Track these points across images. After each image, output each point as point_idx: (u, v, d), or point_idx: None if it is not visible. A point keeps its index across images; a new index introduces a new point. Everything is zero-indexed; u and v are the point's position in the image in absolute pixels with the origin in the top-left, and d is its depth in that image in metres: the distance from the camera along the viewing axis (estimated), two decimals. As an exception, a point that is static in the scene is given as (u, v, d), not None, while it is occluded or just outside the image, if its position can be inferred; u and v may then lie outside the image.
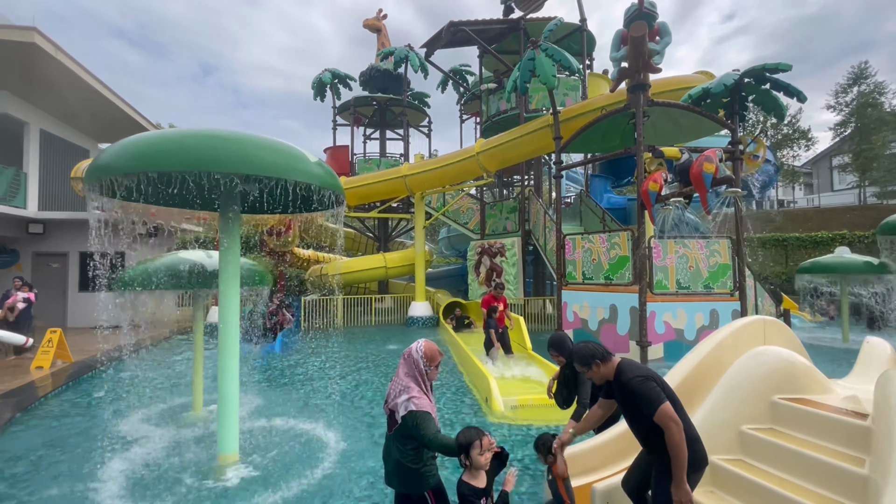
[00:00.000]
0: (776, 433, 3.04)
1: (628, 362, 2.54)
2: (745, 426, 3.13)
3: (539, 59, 8.99)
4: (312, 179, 3.69)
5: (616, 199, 15.55)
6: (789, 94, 7.79)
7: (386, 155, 18.31)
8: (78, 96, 12.78)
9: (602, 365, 2.55)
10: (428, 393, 2.56)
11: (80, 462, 4.19)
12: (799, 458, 2.79)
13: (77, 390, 6.79)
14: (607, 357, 2.56)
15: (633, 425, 2.54)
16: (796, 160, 33.05)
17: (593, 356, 2.55)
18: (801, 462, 2.77)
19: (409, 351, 2.62)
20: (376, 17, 18.49)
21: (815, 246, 18.29)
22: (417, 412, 2.39)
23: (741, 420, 3.17)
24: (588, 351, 2.58)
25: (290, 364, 8.54)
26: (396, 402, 2.47)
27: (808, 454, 2.76)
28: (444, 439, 2.38)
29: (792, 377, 3.26)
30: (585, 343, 2.66)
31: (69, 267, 13.36)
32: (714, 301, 8.09)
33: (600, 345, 2.62)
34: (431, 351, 2.61)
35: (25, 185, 12.32)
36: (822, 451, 2.75)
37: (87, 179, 3.43)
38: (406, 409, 2.41)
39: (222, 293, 4.11)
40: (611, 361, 2.55)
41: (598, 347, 2.59)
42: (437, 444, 2.37)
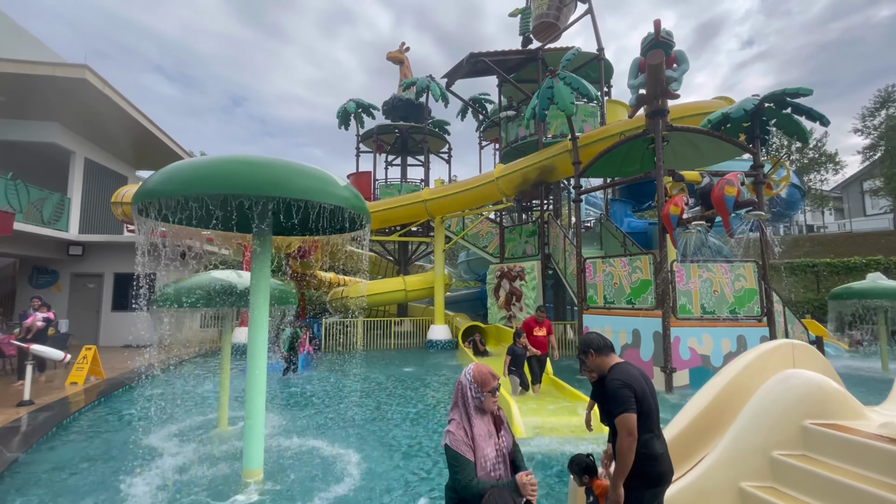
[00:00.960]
0: (809, 460, 2.96)
1: (622, 366, 2.52)
2: (776, 452, 3.05)
3: (557, 88, 9.23)
4: (341, 202, 3.87)
5: (637, 222, 15.45)
6: (812, 119, 7.77)
7: (407, 180, 18.73)
8: (121, 127, 13.66)
9: (596, 356, 2.57)
10: (471, 425, 2.18)
11: (112, 475, 4.32)
12: (834, 486, 2.70)
13: (108, 406, 7.01)
14: (604, 351, 2.56)
15: (605, 422, 2.63)
16: (824, 184, 32.26)
17: (589, 344, 2.60)
18: (836, 490, 2.68)
19: (459, 377, 2.32)
20: (399, 49, 19.30)
21: (847, 272, 17.64)
22: (448, 448, 2.14)
23: (771, 446, 3.09)
24: (587, 339, 2.64)
25: (310, 385, 8.63)
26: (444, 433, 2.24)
27: (843, 482, 2.67)
28: (474, 488, 2.05)
29: (824, 402, 3.17)
30: (594, 333, 2.68)
31: (104, 287, 13.94)
32: (741, 327, 7.89)
33: (606, 340, 2.62)
34: (482, 375, 2.25)
35: (69, 210, 13.06)
36: (858, 479, 2.66)
37: (134, 202, 3.69)
38: (444, 441, 2.18)
39: (252, 312, 4.26)
40: (607, 356, 2.56)
41: (599, 339, 2.60)
42: (464, 492, 2.08)
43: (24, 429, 5.59)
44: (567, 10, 14.55)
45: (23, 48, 14.42)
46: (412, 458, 4.77)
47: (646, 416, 2.39)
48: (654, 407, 2.47)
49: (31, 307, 8.61)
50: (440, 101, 16.98)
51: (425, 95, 16.96)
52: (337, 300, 15.54)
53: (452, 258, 26.47)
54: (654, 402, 2.47)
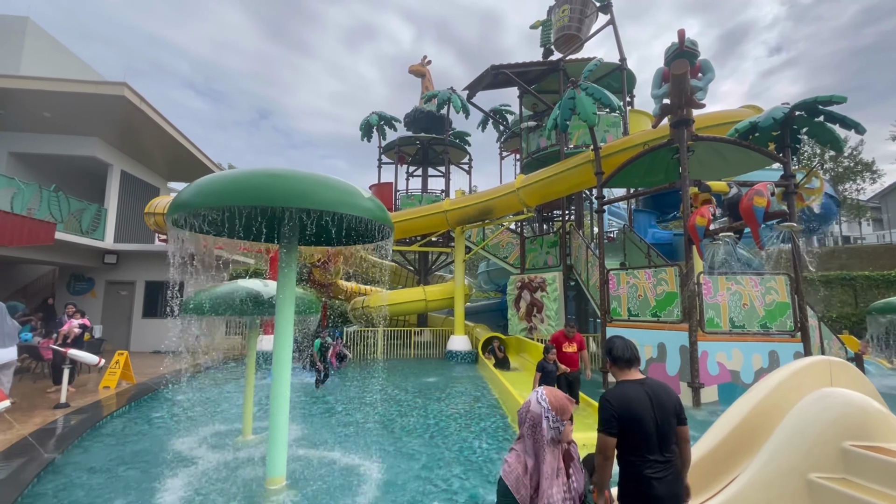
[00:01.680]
0: (849, 483, 2.81)
1: (623, 385, 2.48)
2: (814, 475, 2.91)
3: (579, 98, 9.20)
4: (365, 213, 3.94)
5: (661, 233, 15.14)
6: (846, 127, 7.50)
7: (427, 191, 18.89)
8: (155, 140, 14.27)
9: (611, 366, 2.59)
10: (538, 460, 1.91)
11: (140, 478, 4.45)
12: (878, 513, 2.55)
13: (138, 410, 7.23)
14: (619, 364, 2.52)
15: None
16: (861, 194, 31.01)
17: (609, 352, 2.58)
18: (880, 517, 2.54)
19: (529, 403, 2.03)
20: (421, 63, 19.62)
21: (888, 285, 16.81)
22: (500, 482, 1.92)
23: (808, 468, 2.95)
24: (610, 344, 2.60)
25: (332, 394, 8.70)
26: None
27: (888, 509, 2.53)
28: None
29: (865, 423, 3.02)
30: (619, 340, 2.61)
31: (135, 294, 14.46)
32: (773, 342, 7.60)
33: (627, 352, 2.52)
34: (560, 401, 1.98)
35: (105, 220, 13.66)
36: (904, 507, 2.51)
37: (169, 214, 3.84)
38: (501, 470, 1.97)
39: (278, 320, 4.36)
40: (621, 371, 2.52)
41: (620, 350, 2.53)
42: None
43: (60, 431, 5.81)
44: (589, 21, 14.56)
45: (67, 68, 15.30)
46: (433, 470, 4.74)
47: (632, 439, 2.35)
48: (654, 432, 2.33)
49: (66, 314, 8.79)
50: (461, 113, 17.14)
51: (446, 107, 17.16)
52: (358, 309, 15.68)
53: (472, 268, 26.44)
54: (652, 427, 2.33)
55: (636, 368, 2.53)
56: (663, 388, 2.48)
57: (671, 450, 2.39)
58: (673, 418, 2.39)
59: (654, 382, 2.50)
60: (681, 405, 2.46)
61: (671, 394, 2.47)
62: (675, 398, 2.46)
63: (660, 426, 2.35)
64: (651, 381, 2.49)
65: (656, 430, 2.35)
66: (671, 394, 2.47)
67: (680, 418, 2.42)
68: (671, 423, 2.39)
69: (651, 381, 2.49)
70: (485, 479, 4.53)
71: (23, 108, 11.87)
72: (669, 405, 2.40)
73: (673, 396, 2.46)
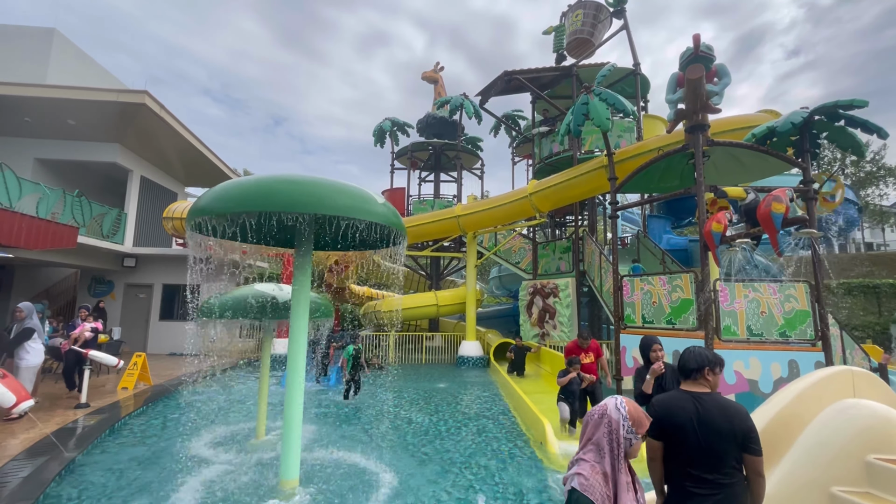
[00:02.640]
0: (874, 498, 2.73)
1: (673, 392, 2.46)
2: (836, 488, 2.84)
3: (592, 103, 9.17)
4: (379, 219, 3.98)
5: (676, 239, 14.94)
6: (868, 131, 7.33)
7: (440, 196, 18.96)
8: (174, 147, 14.62)
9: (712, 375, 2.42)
10: (615, 470, 1.79)
11: (156, 479, 4.53)
12: (904, 529, 2.48)
13: (155, 411, 7.36)
14: (682, 375, 2.44)
15: None
16: (884, 199, 30.21)
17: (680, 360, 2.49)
18: (907, 534, 2.46)
19: (605, 408, 1.87)
20: (434, 69, 19.77)
21: (913, 294, 16.31)
22: (576, 494, 1.75)
23: (830, 481, 2.88)
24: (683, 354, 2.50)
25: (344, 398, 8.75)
26: (568, 473, 1.86)
27: (915, 525, 2.45)
28: None
29: (890, 435, 2.94)
30: (691, 351, 2.49)
31: (153, 297, 14.75)
32: (793, 351, 7.42)
33: (697, 362, 2.40)
34: (639, 412, 1.85)
35: (125, 224, 14.00)
36: (932, 523, 2.44)
37: (189, 219, 3.93)
38: (570, 484, 1.81)
39: (293, 324, 4.41)
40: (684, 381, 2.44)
41: (687, 360, 2.42)
42: None
43: (80, 431, 5.94)
44: (602, 26, 14.51)
45: (91, 76, 15.78)
46: (446, 474, 4.73)
47: (673, 448, 2.26)
48: (696, 446, 2.18)
49: (79, 317, 8.69)
50: (473, 119, 17.20)
51: (459, 113, 17.24)
52: (370, 314, 15.76)
53: (484, 274, 26.40)
54: (693, 441, 2.19)
55: (701, 381, 2.37)
56: (721, 408, 2.24)
57: (722, 472, 2.18)
58: (726, 443, 2.18)
59: (715, 400, 2.29)
60: (747, 433, 2.18)
61: (732, 417, 2.20)
62: (736, 422, 2.19)
63: (703, 444, 2.20)
64: (710, 398, 2.30)
65: (696, 453, 2.21)
66: (732, 417, 2.20)
67: (745, 446, 2.17)
68: (722, 446, 2.18)
69: (710, 398, 2.30)
70: (496, 485, 4.50)
71: (48, 115, 12.28)
72: (724, 426, 2.18)
73: (735, 419, 2.19)
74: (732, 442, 2.17)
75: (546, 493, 4.31)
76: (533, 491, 4.37)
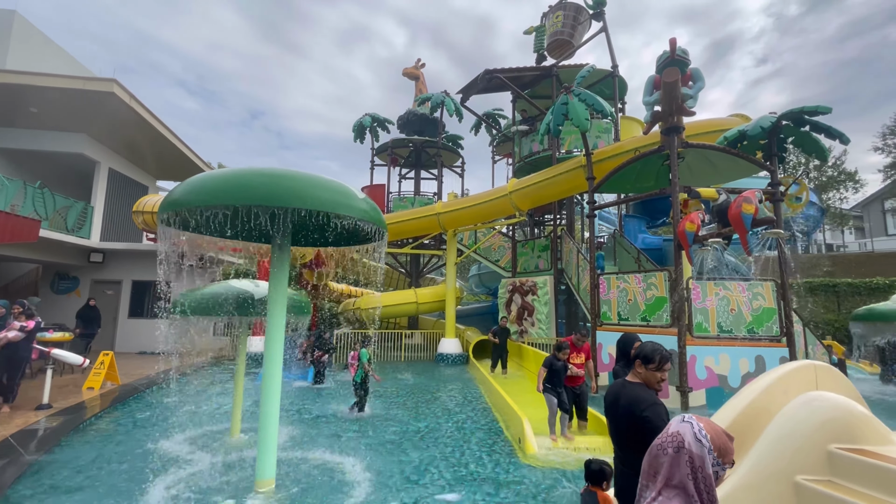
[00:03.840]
0: (835, 486, 2.86)
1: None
2: (800, 477, 2.96)
3: (572, 104, 9.29)
4: (359, 215, 3.93)
5: (651, 239, 15.31)
6: (831, 136, 7.68)
7: (420, 193, 18.90)
8: (144, 138, 14.09)
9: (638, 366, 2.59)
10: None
11: (127, 480, 4.37)
12: (862, 515, 2.61)
13: (124, 411, 7.09)
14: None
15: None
16: (844, 203, 31.71)
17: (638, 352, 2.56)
18: (864, 519, 2.59)
19: (682, 439, 1.38)
20: (415, 65, 19.68)
21: (869, 293, 17.17)
22: None
23: (795, 470, 3.00)
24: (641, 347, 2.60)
25: (320, 396, 8.64)
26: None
27: (871, 510, 2.58)
28: None
29: (850, 426, 3.08)
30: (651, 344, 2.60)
31: (122, 294, 14.21)
32: (760, 347, 7.72)
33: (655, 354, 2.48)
34: (721, 438, 1.40)
35: (91, 218, 13.43)
36: (887, 508, 2.57)
37: (161, 212, 3.79)
38: None
39: (270, 321, 4.32)
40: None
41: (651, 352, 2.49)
42: None
43: (42, 433, 5.68)
44: (581, 27, 14.72)
45: (55, 63, 15.05)
46: (424, 474, 4.72)
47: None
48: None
49: (12, 314, 7.04)
50: (454, 116, 17.21)
51: (440, 110, 17.22)
52: (349, 311, 15.59)
53: (464, 271, 26.47)
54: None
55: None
56: (634, 396, 2.37)
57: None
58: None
59: (633, 389, 2.43)
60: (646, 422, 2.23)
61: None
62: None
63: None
64: (632, 387, 2.46)
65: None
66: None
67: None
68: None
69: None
70: (474, 481, 4.52)
71: (8, 102, 11.65)
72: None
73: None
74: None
75: (523, 488, 4.36)
76: (510, 487, 4.41)
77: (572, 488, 4.36)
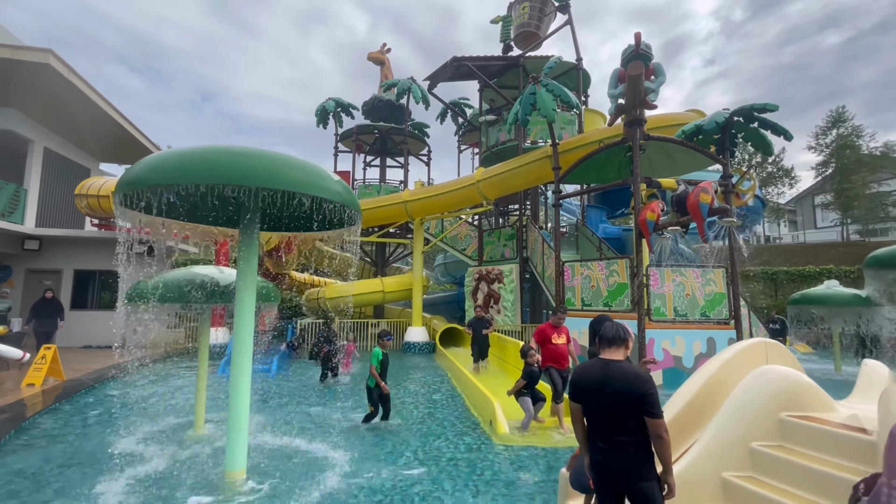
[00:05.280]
0: (785, 450, 3.12)
1: (592, 360, 2.64)
2: (755, 443, 3.21)
3: (540, 94, 9.43)
4: (333, 196, 3.82)
5: (611, 228, 15.91)
6: (776, 133, 8.23)
7: (386, 181, 18.64)
8: (85, 117, 13.00)
9: (599, 344, 2.67)
10: None
11: (80, 480, 4.09)
12: (809, 474, 2.86)
13: (72, 408, 6.62)
14: (602, 344, 2.60)
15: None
16: (780, 197, 34.21)
17: (597, 330, 2.75)
18: (810, 477, 2.85)
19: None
20: (380, 50, 19.24)
21: (803, 280, 18.72)
22: None
23: (751, 437, 3.25)
24: (599, 322, 2.72)
25: (287, 386, 8.43)
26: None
27: (817, 469, 2.84)
28: None
29: (798, 395, 3.37)
30: (611, 321, 2.71)
31: (62, 284, 13.17)
32: (711, 329, 8.24)
33: (616, 332, 2.59)
34: None
35: (25, 202, 12.31)
36: (830, 466, 2.83)
37: (118, 191, 3.53)
38: None
39: (238, 309, 4.15)
40: (601, 349, 2.60)
41: (608, 329, 2.61)
42: None
43: (-22, 432, 5.21)
44: (548, 19, 14.90)
45: (-22, 29, 13.56)
46: (399, 457, 4.73)
47: (588, 412, 2.51)
48: (596, 413, 2.44)
49: None
50: (421, 104, 17.02)
51: (406, 97, 16.97)
52: (313, 301, 15.24)
53: (429, 261, 26.47)
54: (595, 408, 2.44)
55: (618, 349, 2.54)
56: (623, 374, 2.40)
57: (615, 441, 2.37)
58: (624, 405, 2.34)
59: (622, 368, 2.44)
60: (644, 397, 2.30)
61: (631, 381, 2.35)
62: (636, 388, 2.32)
63: (605, 405, 2.40)
64: (617, 365, 2.46)
65: (599, 413, 2.43)
66: (631, 381, 2.35)
67: (643, 409, 2.30)
68: (620, 408, 2.35)
69: (617, 365, 2.46)
70: (449, 461, 4.58)
71: (-78, 70, 10.41)
72: (622, 390, 2.34)
73: (635, 386, 2.33)
74: (630, 405, 2.33)
75: (497, 468, 4.47)
76: (484, 465, 4.51)
77: (546, 464, 4.51)
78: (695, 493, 3.06)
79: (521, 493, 3.90)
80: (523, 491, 3.95)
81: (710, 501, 3.08)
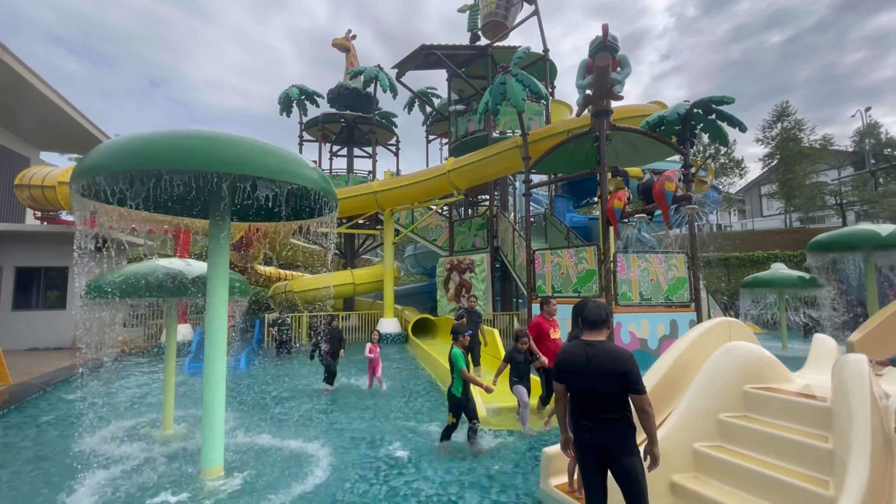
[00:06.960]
0: (750, 419, 3.35)
1: (575, 342, 2.72)
2: (723, 415, 3.42)
3: (510, 84, 9.48)
4: (309, 183, 3.72)
5: (578, 217, 16.33)
6: (732, 125, 8.66)
7: (353, 171, 18.30)
8: (22, 100, 11.99)
9: (581, 326, 2.76)
10: None
11: (36, 487, 3.85)
12: (772, 440, 3.09)
13: (21, 413, 6.19)
14: (585, 326, 2.69)
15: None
16: (731, 187, 36.20)
17: (581, 312, 2.73)
18: (773, 443, 3.07)
19: None
20: (345, 36, 18.75)
21: (752, 264, 19.93)
22: None
23: (718, 409, 3.46)
24: (582, 304, 2.88)
25: (257, 381, 8.22)
26: None
27: (779, 435, 3.06)
28: None
29: (760, 369, 3.61)
30: (595, 303, 2.77)
31: (3, 283, 12.19)
32: (673, 312, 8.65)
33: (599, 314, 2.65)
34: None
35: (-44, 194, 11.27)
36: (791, 432, 3.06)
37: (75, 178, 3.30)
38: None
39: (210, 302, 3.99)
40: (584, 331, 2.68)
41: (591, 312, 2.67)
42: None
43: (-84, 443, 4.78)
44: (515, 10, 14.94)
45: None
46: (378, 449, 4.72)
47: (572, 391, 2.59)
48: (583, 393, 2.51)
49: None
50: (388, 92, 16.74)
51: (373, 85, 16.65)
52: (279, 294, 14.86)
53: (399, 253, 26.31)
54: (581, 388, 2.51)
55: (599, 331, 2.62)
56: (608, 355, 2.48)
57: (601, 418, 2.44)
58: (609, 383, 2.43)
59: (604, 348, 2.52)
60: (628, 375, 2.40)
61: (616, 362, 2.44)
62: (619, 367, 2.42)
63: (590, 384, 2.47)
64: (601, 346, 2.54)
65: (585, 392, 2.51)
66: (616, 362, 2.44)
67: (626, 387, 2.40)
68: (605, 386, 2.43)
69: (601, 346, 2.54)
70: (427, 453, 4.62)
71: None
72: (607, 369, 2.43)
73: (618, 365, 2.43)
74: (615, 382, 2.43)
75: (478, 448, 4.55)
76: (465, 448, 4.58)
77: (528, 445, 4.63)
78: (670, 464, 3.23)
79: (502, 471, 3.99)
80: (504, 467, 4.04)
81: (684, 471, 3.27)
